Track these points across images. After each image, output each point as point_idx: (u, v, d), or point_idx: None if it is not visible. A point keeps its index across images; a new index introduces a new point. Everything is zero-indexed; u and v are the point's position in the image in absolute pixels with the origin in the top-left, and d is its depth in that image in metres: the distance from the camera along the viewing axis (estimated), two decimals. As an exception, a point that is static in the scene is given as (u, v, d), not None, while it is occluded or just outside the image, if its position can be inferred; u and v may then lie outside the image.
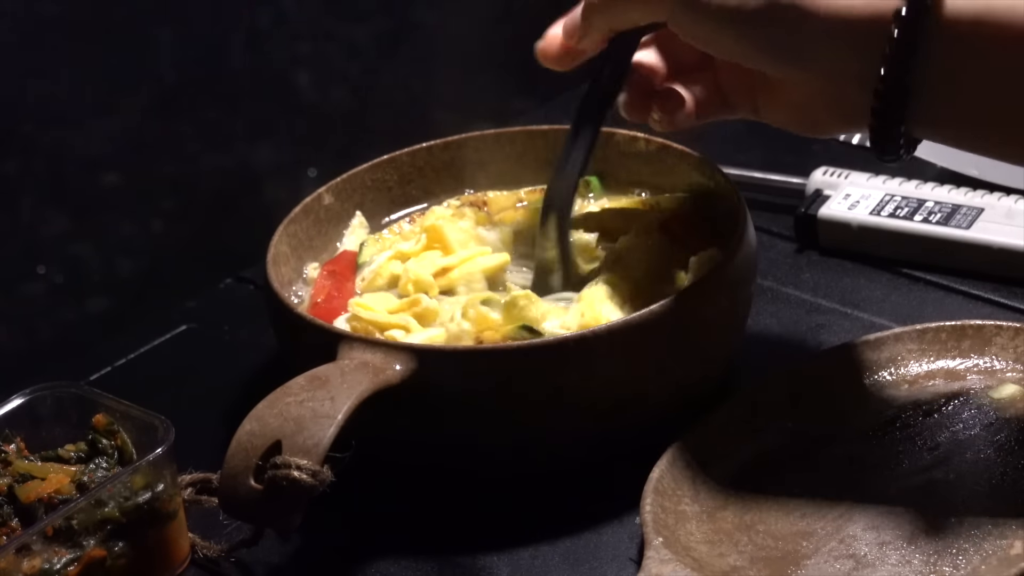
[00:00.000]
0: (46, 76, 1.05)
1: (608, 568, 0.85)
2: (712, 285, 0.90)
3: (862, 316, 1.02)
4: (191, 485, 0.90)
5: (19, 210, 1.07)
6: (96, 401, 0.90)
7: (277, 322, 0.96)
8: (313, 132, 1.23)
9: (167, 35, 1.12)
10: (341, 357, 0.87)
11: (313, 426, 0.81)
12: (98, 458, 0.88)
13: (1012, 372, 0.90)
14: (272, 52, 1.19)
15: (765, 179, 1.15)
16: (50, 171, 1.08)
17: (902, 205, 1.08)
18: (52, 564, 0.82)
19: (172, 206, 1.16)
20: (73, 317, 1.12)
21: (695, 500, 0.85)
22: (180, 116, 1.14)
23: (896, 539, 0.80)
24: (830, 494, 0.84)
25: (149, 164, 1.13)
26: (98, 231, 1.11)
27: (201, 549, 0.89)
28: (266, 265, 0.97)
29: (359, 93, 1.25)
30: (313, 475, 0.80)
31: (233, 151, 1.19)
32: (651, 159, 1.05)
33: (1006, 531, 0.79)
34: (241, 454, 0.82)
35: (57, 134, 1.07)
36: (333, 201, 1.05)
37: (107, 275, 1.13)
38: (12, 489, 0.86)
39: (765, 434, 0.89)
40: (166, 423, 0.87)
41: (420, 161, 1.10)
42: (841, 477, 0.86)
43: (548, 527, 0.88)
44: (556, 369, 0.87)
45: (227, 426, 0.85)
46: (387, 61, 1.26)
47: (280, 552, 0.89)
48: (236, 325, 1.11)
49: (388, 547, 0.89)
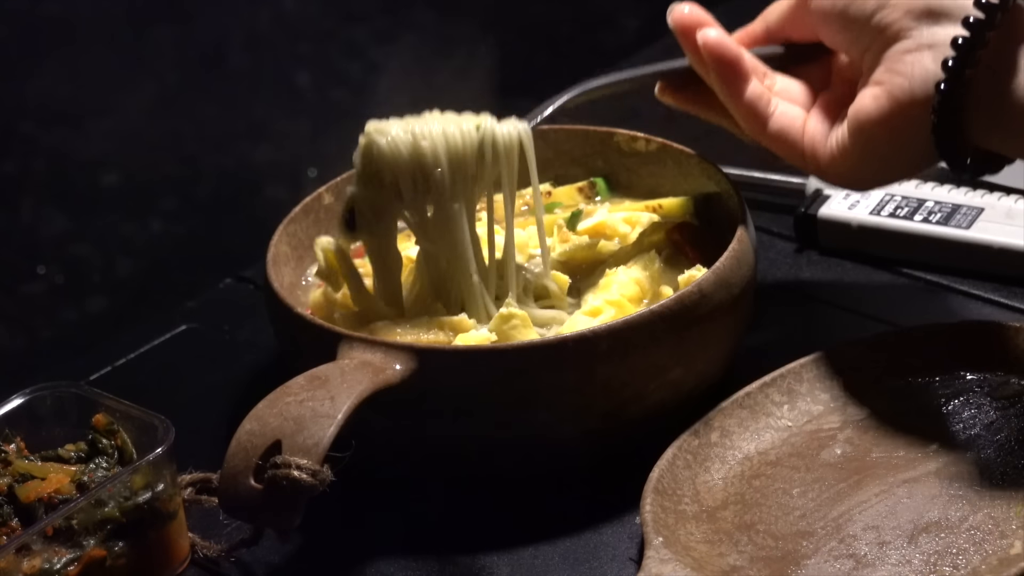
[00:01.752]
0: (46, 76, 1.05)
1: (608, 568, 0.85)
2: (712, 285, 0.90)
3: (862, 316, 1.02)
4: (191, 485, 0.90)
5: (19, 210, 1.08)
6: (96, 401, 0.90)
7: (277, 322, 0.96)
8: (313, 132, 1.23)
9: (167, 35, 1.12)
10: (341, 357, 0.87)
11: (313, 426, 0.81)
12: (98, 458, 0.88)
13: (1013, 372, 0.90)
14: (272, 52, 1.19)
15: (765, 179, 1.15)
16: (50, 171, 1.08)
17: (902, 205, 1.08)
18: (52, 564, 0.82)
19: (172, 206, 1.16)
20: (73, 317, 1.12)
21: (695, 500, 0.85)
22: (180, 116, 1.14)
23: (896, 539, 0.80)
24: (830, 494, 0.84)
25: (149, 164, 1.13)
26: (98, 231, 1.12)
27: (201, 549, 0.89)
28: (266, 265, 0.97)
29: (359, 93, 1.25)
30: (313, 475, 0.80)
31: (233, 151, 1.19)
32: (651, 159, 1.05)
33: (1006, 531, 0.79)
34: (241, 454, 0.81)
35: (57, 134, 1.07)
36: (333, 201, 1.05)
37: (107, 275, 1.13)
38: (12, 489, 0.86)
39: (765, 433, 0.89)
40: (166, 423, 0.87)
41: (420, 161, 1.10)
42: (841, 477, 0.86)
43: (548, 527, 0.88)
44: (556, 369, 0.87)
45: (227, 426, 0.85)
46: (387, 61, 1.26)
47: (280, 552, 0.89)
48: (236, 325, 1.11)
49: (388, 547, 0.89)
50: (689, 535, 0.83)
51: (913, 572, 0.78)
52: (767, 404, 0.90)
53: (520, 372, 0.87)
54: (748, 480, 0.86)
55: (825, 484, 0.85)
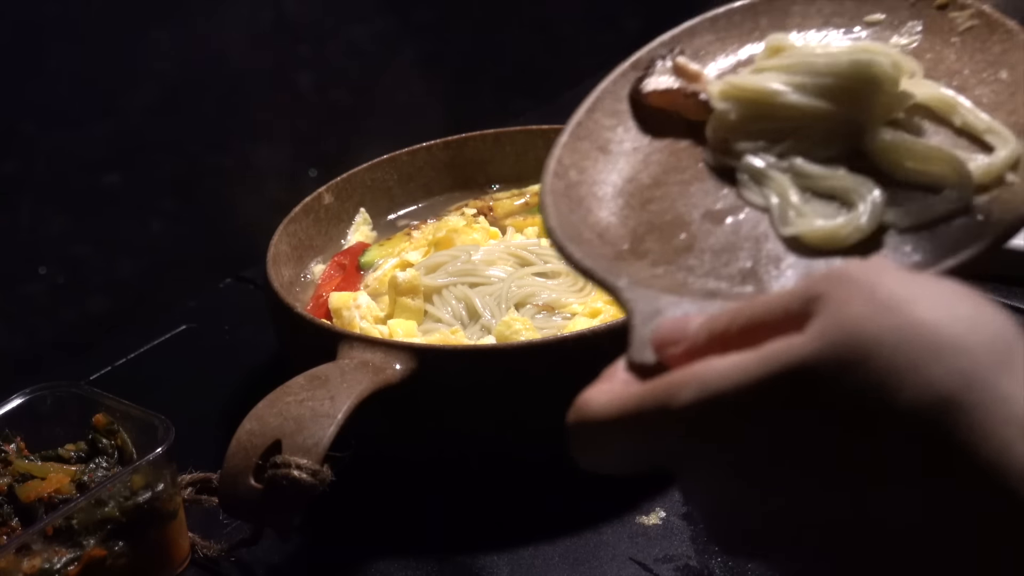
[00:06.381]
0: (46, 76, 1.05)
1: (608, 568, 0.85)
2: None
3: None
4: (191, 485, 0.90)
5: (19, 210, 1.08)
6: (96, 401, 0.90)
7: (277, 322, 0.96)
8: (313, 132, 1.23)
9: (167, 35, 1.12)
10: (341, 357, 0.87)
11: (313, 425, 0.81)
12: (98, 458, 0.88)
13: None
14: (272, 52, 1.19)
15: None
16: (50, 171, 1.08)
17: (902, 205, 1.07)
18: (52, 564, 0.82)
19: (172, 206, 1.16)
20: (73, 317, 1.12)
21: (608, 243, 0.75)
22: (180, 116, 1.14)
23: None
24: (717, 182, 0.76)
25: (149, 164, 1.13)
26: (98, 231, 1.12)
27: (201, 549, 0.89)
28: (266, 265, 0.97)
29: (359, 93, 1.26)
30: (313, 474, 0.80)
31: (233, 151, 1.19)
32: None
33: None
34: (241, 453, 0.82)
35: (57, 134, 1.07)
36: (333, 201, 1.05)
37: (107, 275, 1.13)
38: (12, 489, 0.86)
39: (619, 160, 0.80)
40: (166, 423, 0.87)
41: (420, 161, 1.10)
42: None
43: (548, 527, 0.88)
44: (556, 368, 0.87)
45: (227, 426, 0.85)
46: (387, 61, 1.26)
47: (280, 552, 0.89)
48: (236, 325, 1.11)
49: (388, 547, 0.89)
50: (639, 272, 0.72)
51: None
52: (600, 131, 0.80)
53: (520, 371, 0.87)
54: (643, 207, 0.77)
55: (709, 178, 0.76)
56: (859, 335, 0.54)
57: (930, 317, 0.54)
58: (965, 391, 0.52)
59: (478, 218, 1.06)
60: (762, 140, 0.76)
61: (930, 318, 0.54)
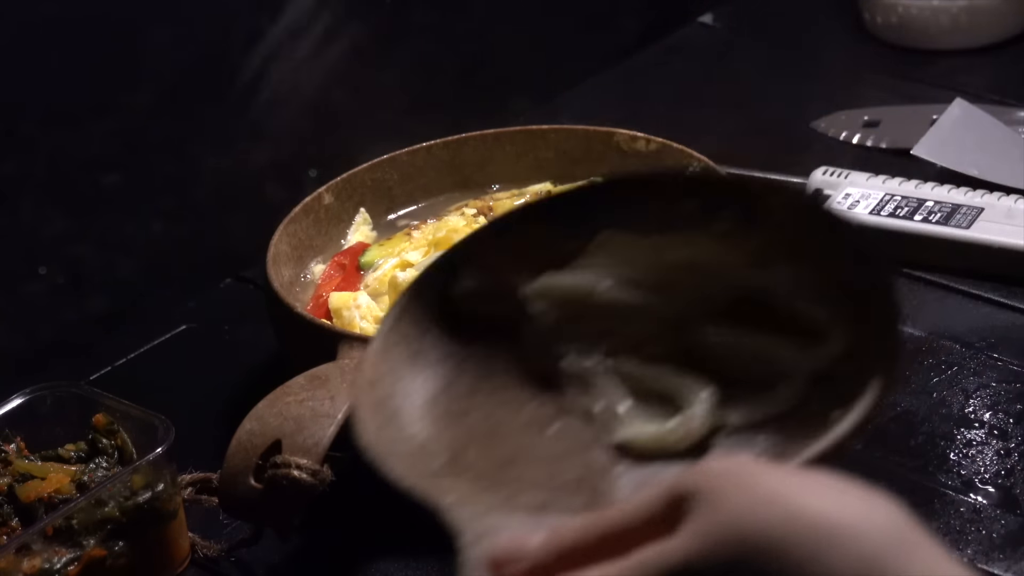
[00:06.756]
0: (46, 76, 1.05)
1: (608, 568, 0.85)
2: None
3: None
4: (191, 485, 0.90)
5: (19, 210, 1.07)
6: (96, 401, 0.90)
7: (277, 322, 0.96)
8: (313, 132, 1.23)
9: (167, 35, 1.12)
10: (341, 356, 0.87)
11: (313, 425, 0.81)
12: (98, 458, 0.88)
13: None
14: (272, 52, 1.19)
15: (765, 179, 1.14)
16: (50, 171, 1.08)
17: (902, 205, 1.08)
18: (52, 564, 0.82)
19: (172, 206, 1.16)
20: (73, 317, 1.12)
21: (431, 456, 0.72)
22: (180, 116, 1.14)
23: None
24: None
25: (149, 164, 1.13)
26: (98, 231, 1.11)
27: (201, 549, 0.89)
28: (266, 265, 0.97)
29: (359, 93, 1.25)
30: (313, 474, 0.80)
31: (233, 151, 1.19)
32: (651, 159, 1.05)
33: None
34: (241, 453, 0.81)
35: (57, 134, 1.07)
36: (333, 201, 1.05)
37: (107, 275, 1.13)
38: (12, 489, 0.86)
39: (425, 372, 0.74)
40: (166, 423, 0.87)
41: (420, 161, 1.10)
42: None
43: (548, 527, 0.88)
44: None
45: (227, 426, 0.85)
46: (387, 61, 1.26)
47: (280, 552, 0.89)
48: (236, 325, 1.11)
49: (388, 547, 0.89)
50: (462, 488, 0.69)
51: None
52: (408, 340, 0.74)
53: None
54: (461, 419, 0.72)
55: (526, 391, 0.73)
56: (743, 530, 0.51)
57: (819, 507, 0.52)
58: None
59: (478, 218, 1.06)
60: (584, 340, 0.70)
61: (819, 508, 0.51)
